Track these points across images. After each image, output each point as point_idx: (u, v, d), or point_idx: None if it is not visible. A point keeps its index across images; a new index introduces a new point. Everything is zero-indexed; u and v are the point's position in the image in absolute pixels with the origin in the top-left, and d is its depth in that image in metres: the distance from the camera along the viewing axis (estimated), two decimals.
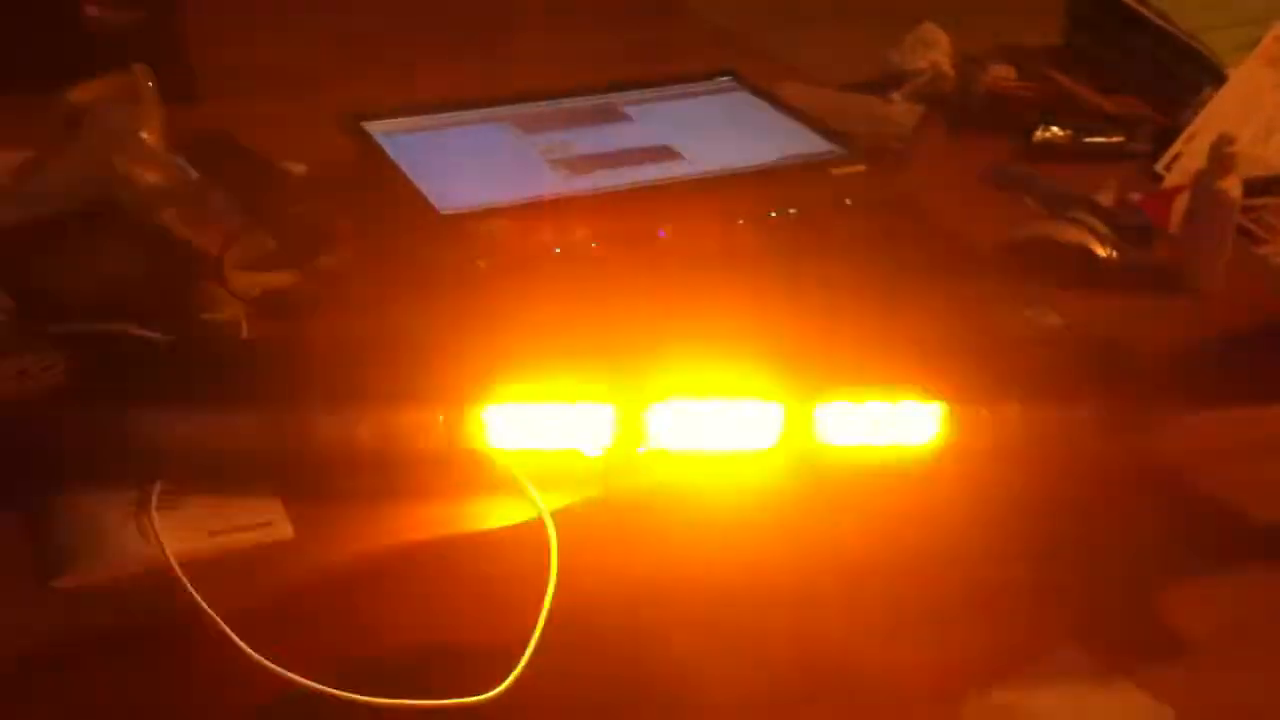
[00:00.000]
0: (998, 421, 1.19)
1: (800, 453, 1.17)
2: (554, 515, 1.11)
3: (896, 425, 1.18)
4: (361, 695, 1.01)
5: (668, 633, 1.55)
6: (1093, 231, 1.48)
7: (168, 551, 1.03)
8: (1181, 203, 1.52)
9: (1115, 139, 1.79)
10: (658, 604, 1.36)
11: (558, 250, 1.38)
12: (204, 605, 1.00)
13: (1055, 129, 1.78)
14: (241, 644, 1.00)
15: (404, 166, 1.49)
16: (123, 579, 1.02)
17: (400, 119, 1.61)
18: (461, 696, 1.03)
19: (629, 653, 1.54)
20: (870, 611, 1.63)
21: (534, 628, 1.06)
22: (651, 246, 1.42)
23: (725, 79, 1.81)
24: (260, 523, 1.08)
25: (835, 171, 1.55)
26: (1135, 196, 1.61)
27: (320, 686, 1.00)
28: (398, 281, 1.35)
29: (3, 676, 0.96)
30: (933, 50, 1.93)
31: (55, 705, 1.01)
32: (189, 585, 1.01)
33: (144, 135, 1.43)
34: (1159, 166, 1.72)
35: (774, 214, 1.48)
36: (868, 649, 1.62)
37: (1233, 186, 1.43)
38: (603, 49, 3.06)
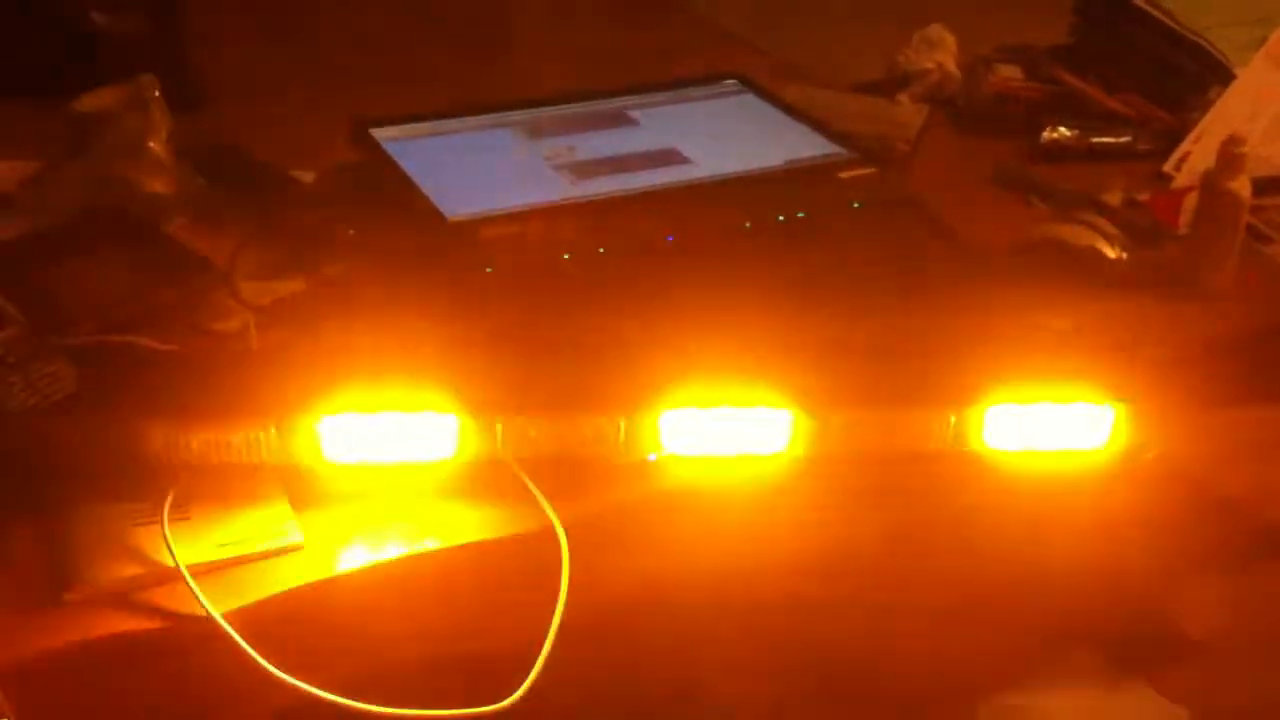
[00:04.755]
0: (1007, 425, 1.19)
1: (810, 458, 1.16)
2: (565, 523, 1.11)
3: (908, 429, 1.17)
4: (373, 705, 1.01)
5: (680, 640, 1.55)
6: (1101, 232, 1.48)
7: (179, 561, 1.03)
8: (1190, 203, 1.52)
9: (1123, 139, 1.79)
10: (669, 611, 1.35)
11: (566, 256, 1.38)
12: (216, 615, 1.00)
13: (1062, 129, 1.78)
14: (253, 653, 1.00)
15: (411, 173, 1.49)
16: (134, 589, 1.02)
17: (407, 126, 1.61)
18: (474, 706, 1.03)
19: (641, 660, 1.54)
20: (882, 615, 1.63)
21: (546, 636, 1.06)
22: (659, 252, 1.42)
23: (731, 82, 1.81)
24: (271, 532, 1.08)
25: (843, 174, 1.55)
26: (1143, 197, 1.61)
27: (332, 696, 1.00)
28: (406, 289, 1.36)
29: (16, 686, 0.96)
30: (939, 51, 1.93)
31: (68, 715, 1.01)
32: (200, 595, 1.01)
33: (152, 144, 1.44)
34: (1167, 166, 1.71)
35: (782, 218, 1.48)
36: (879, 652, 1.62)
37: (1242, 187, 1.43)
38: (608, 52, 3.06)
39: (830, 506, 1.25)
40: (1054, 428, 1.20)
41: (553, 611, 1.07)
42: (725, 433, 1.16)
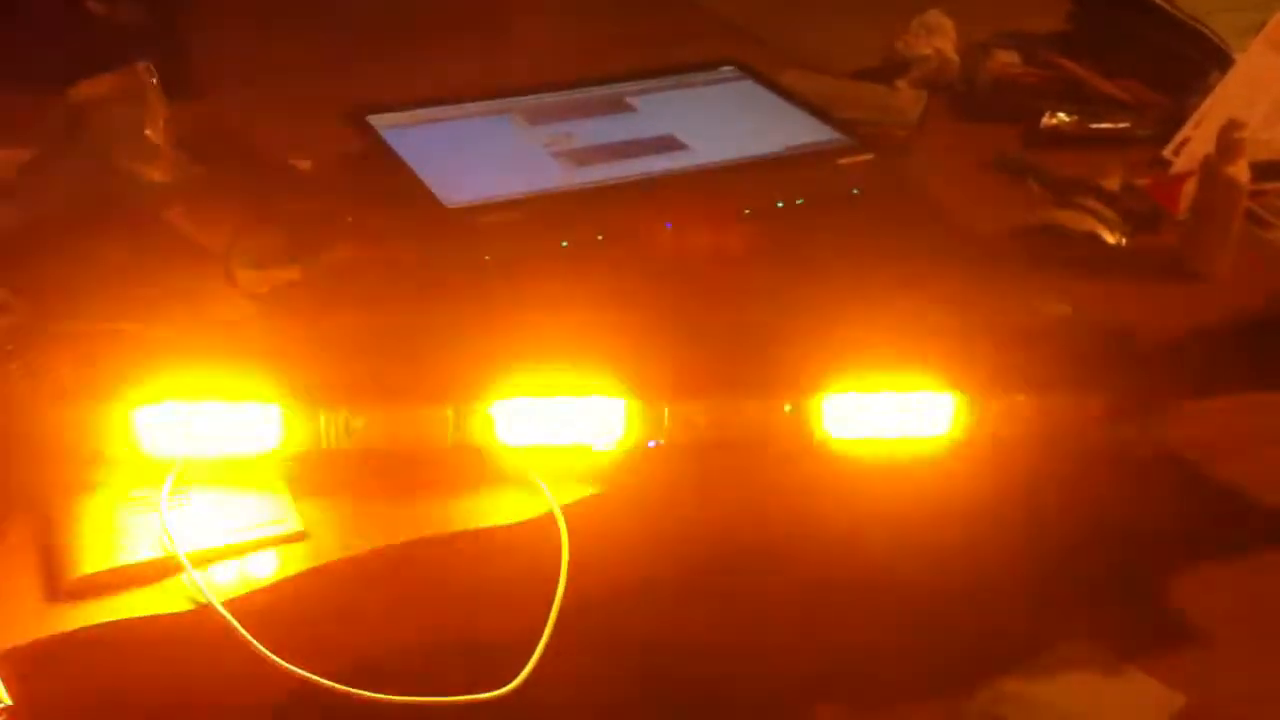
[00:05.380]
0: (1007, 411, 1.19)
1: (811, 445, 1.16)
2: (564, 510, 1.11)
3: (906, 416, 1.17)
4: (374, 692, 1.01)
5: (678, 626, 1.55)
6: (1101, 218, 1.48)
7: (179, 549, 1.03)
8: (1190, 188, 1.51)
9: (1122, 124, 1.79)
10: (668, 598, 1.36)
11: (564, 243, 1.38)
12: (215, 602, 1.00)
13: (1061, 115, 1.78)
14: (253, 641, 1.00)
15: (409, 160, 1.49)
16: (134, 577, 1.02)
17: (404, 112, 1.61)
18: (475, 692, 1.03)
19: (640, 647, 1.54)
20: (881, 602, 1.63)
21: (546, 622, 1.06)
22: (658, 239, 1.42)
23: (730, 69, 1.80)
24: (271, 519, 1.08)
25: (842, 161, 1.55)
26: (1142, 182, 1.61)
27: (332, 684, 1.01)
28: (404, 276, 1.35)
29: (16, 673, 0.96)
30: (937, 37, 1.92)
31: (68, 701, 1.01)
32: (200, 582, 1.01)
33: (148, 132, 1.43)
34: (1166, 152, 1.71)
35: (781, 204, 1.47)
36: (879, 639, 1.62)
37: (1240, 172, 1.43)
38: (606, 39, 3.06)
39: (834, 493, 1.26)
40: (1051, 414, 1.20)
41: (552, 598, 1.07)
42: (727, 420, 1.16)
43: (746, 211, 1.46)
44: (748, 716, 1.56)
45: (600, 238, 1.39)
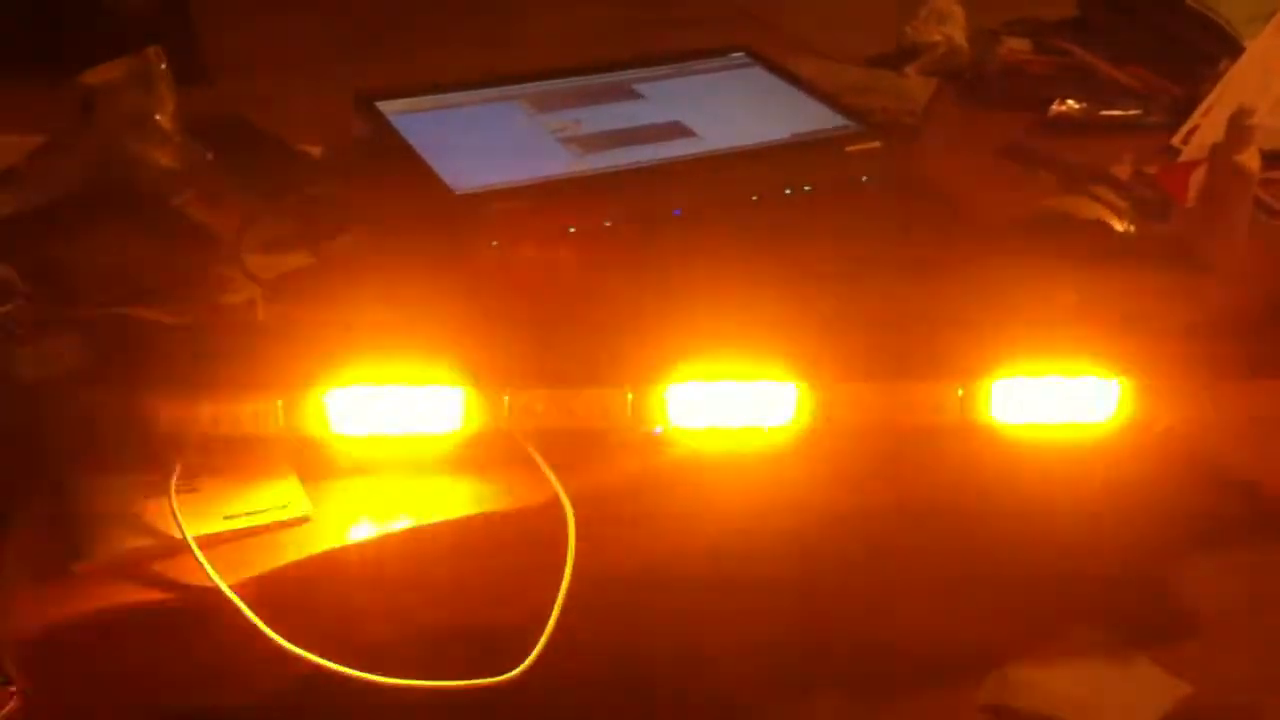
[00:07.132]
0: (1014, 398, 1.19)
1: (816, 431, 1.17)
2: (571, 496, 1.11)
3: (914, 402, 1.17)
4: (380, 676, 1.02)
5: (685, 612, 1.56)
6: (1110, 206, 1.47)
7: (187, 534, 1.03)
8: (1199, 176, 1.51)
9: (1131, 112, 1.78)
10: (675, 583, 1.36)
11: (572, 230, 1.38)
12: (224, 587, 1.01)
13: (1071, 102, 1.77)
14: (261, 625, 1.00)
15: (418, 147, 1.49)
16: (142, 561, 1.03)
17: (413, 99, 1.61)
18: (481, 677, 1.03)
19: (646, 633, 1.54)
20: (887, 591, 1.63)
21: (552, 608, 1.06)
22: (666, 225, 1.42)
23: (738, 55, 1.80)
24: (278, 504, 1.08)
25: (851, 148, 1.55)
26: (1152, 170, 1.60)
27: (339, 667, 1.01)
28: (413, 262, 1.36)
29: (26, 656, 0.96)
30: (947, 24, 1.92)
31: (77, 687, 1.01)
32: (209, 567, 1.02)
33: (158, 118, 1.44)
34: (1176, 140, 1.71)
35: (789, 191, 1.47)
36: (885, 628, 1.62)
37: (1251, 159, 1.42)
38: (613, 25, 3.06)
39: (836, 480, 1.26)
40: (1061, 401, 1.20)
41: (559, 584, 1.07)
42: (731, 405, 1.16)
43: (755, 198, 1.46)
44: (750, 707, 1.57)
45: (608, 224, 1.39)
